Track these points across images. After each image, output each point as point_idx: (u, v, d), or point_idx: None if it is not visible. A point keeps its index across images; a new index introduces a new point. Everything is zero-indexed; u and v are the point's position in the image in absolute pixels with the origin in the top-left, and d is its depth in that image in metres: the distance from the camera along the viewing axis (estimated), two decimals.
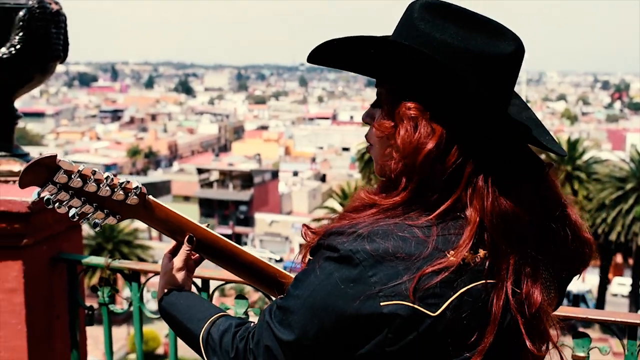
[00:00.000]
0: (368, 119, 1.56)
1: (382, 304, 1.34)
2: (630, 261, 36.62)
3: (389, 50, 1.43)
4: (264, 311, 1.53)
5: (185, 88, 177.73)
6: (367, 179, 38.69)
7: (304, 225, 1.60)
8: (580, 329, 2.44)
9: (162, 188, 61.25)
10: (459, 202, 1.41)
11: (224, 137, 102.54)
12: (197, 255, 1.87)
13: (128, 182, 1.68)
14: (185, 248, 1.80)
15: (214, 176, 65.81)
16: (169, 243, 1.86)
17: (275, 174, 66.31)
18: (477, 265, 1.38)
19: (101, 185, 1.63)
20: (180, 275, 1.81)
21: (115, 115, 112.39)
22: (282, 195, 64.16)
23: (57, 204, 1.62)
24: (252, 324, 1.61)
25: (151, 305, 3.41)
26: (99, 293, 3.03)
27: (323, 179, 70.53)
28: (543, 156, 1.55)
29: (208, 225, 1.84)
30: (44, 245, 3.03)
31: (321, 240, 1.45)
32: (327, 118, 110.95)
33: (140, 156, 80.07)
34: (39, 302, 3.03)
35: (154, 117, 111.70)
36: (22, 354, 2.99)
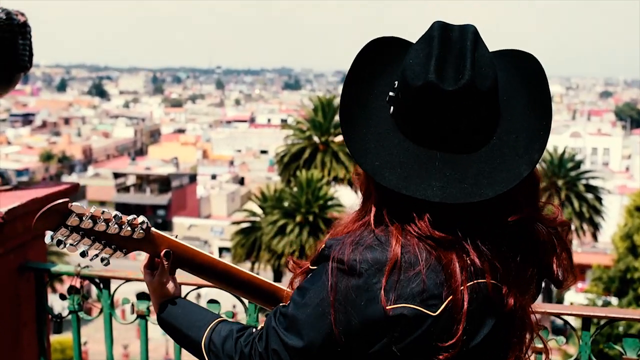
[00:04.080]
0: None
1: (388, 307, 1.46)
2: None
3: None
4: (269, 317, 1.64)
5: (99, 91, 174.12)
6: (286, 181, 38.80)
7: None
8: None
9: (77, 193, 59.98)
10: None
11: (140, 141, 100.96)
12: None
13: (135, 218, 1.79)
14: (164, 262, 1.88)
15: (131, 180, 64.79)
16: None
17: (193, 178, 65.72)
18: (467, 267, 1.50)
19: (110, 224, 1.73)
20: (169, 287, 1.91)
21: (27, 119, 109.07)
22: (201, 199, 63.64)
23: (69, 244, 1.71)
24: (253, 329, 1.71)
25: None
26: (68, 301, 3.07)
27: (241, 182, 70.25)
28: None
29: (210, 251, 1.93)
30: (12, 254, 3.05)
31: (325, 252, 1.56)
32: (245, 121, 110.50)
33: (53, 161, 78.08)
34: (6, 311, 3.05)
35: (67, 121, 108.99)
36: None
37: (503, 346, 1.59)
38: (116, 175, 65.21)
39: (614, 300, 24.82)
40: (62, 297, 3.09)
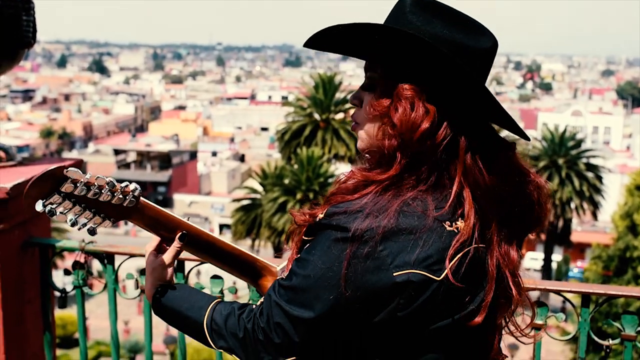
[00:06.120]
0: (356, 100, 1.70)
1: (395, 274, 1.49)
2: (542, 236, 37.91)
3: (391, 36, 1.57)
4: (269, 292, 1.65)
5: (99, 67, 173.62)
6: (286, 158, 38.78)
7: (291, 210, 1.74)
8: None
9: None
10: (448, 175, 1.58)
11: (141, 118, 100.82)
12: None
13: (127, 185, 1.73)
14: (176, 244, 1.86)
15: (131, 157, 64.86)
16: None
17: (193, 155, 65.75)
18: (469, 232, 1.55)
19: (103, 191, 1.68)
20: (169, 271, 1.88)
21: (27, 95, 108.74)
22: (201, 176, 63.72)
23: (59, 212, 1.66)
24: (254, 306, 1.71)
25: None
26: (73, 276, 3.10)
27: (242, 159, 70.28)
28: None
29: (188, 218, 1.90)
30: (16, 230, 3.07)
31: (324, 221, 1.57)
32: (245, 98, 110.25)
33: (53, 137, 78.08)
34: (11, 286, 3.07)
35: (67, 97, 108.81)
36: None
37: (495, 305, 1.63)
38: (117, 152, 65.26)
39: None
40: (67, 272, 3.12)
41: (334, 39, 1.65)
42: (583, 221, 43.65)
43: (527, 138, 1.65)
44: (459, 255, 1.53)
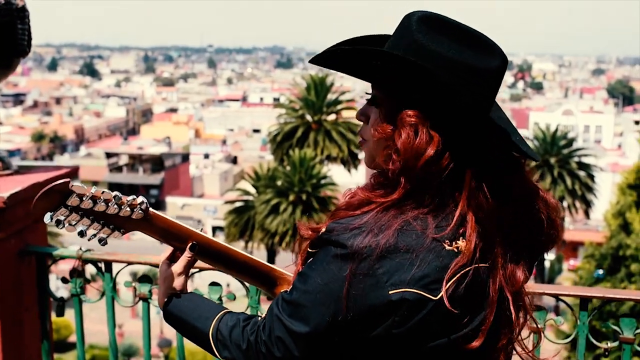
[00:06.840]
0: (362, 117, 1.69)
1: (390, 292, 1.49)
2: None
3: (393, 63, 1.55)
4: (272, 305, 1.66)
5: (90, 70, 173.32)
6: (279, 160, 38.79)
7: (299, 222, 1.74)
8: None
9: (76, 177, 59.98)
10: (452, 199, 1.56)
11: (132, 120, 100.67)
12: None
13: (134, 199, 1.77)
14: (187, 255, 1.89)
15: (123, 160, 64.78)
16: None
17: (185, 157, 65.71)
18: (470, 252, 1.53)
19: (109, 204, 1.73)
20: (180, 280, 1.90)
21: (18, 99, 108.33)
22: (193, 178, 63.67)
23: (68, 224, 1.70)
24: (259, 318, 1.74)
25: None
26: (71, 284, 3.09)
27: (234, 161, 70.23)
28: None
29: (201, 229, 1.94)
30: (13, 239, 3.06)
31: (325, 236, 1.58)
32: (237, 100, 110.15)
33: (45, 141, 77.87)
34: (8, 295, 3.07)
35: (58, 101, 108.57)
36: None
37: (496, 328, 1.62)
38: (108, 155, 65.14)
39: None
40: (64, 280, 3.11)
41: (338, 60, 1.65)
42: (575, 220, 43.77)
43: (536, 159, 1.64)
44: (457, 277, 1.52)
